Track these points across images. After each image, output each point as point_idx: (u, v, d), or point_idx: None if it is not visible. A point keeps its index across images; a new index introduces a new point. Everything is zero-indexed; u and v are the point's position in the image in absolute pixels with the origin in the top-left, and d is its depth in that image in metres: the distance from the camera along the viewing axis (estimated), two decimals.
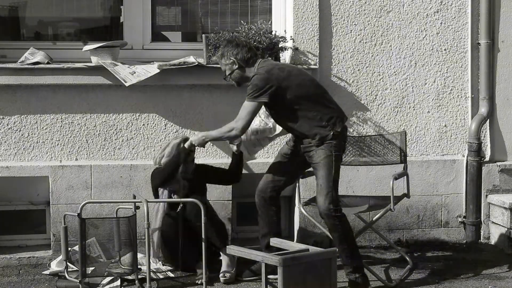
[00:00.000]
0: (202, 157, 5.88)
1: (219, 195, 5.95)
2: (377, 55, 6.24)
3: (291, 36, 6.03)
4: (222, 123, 5.66)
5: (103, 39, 6.00)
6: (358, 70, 6.22)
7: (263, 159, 5.97)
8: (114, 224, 5.00)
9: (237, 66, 5.16)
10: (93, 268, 5.29)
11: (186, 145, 5.31)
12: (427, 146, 6.36)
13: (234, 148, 5.49)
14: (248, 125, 5.14)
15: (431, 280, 5.48)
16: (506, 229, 6.18)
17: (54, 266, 5.54)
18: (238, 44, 5.19)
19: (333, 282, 4.52)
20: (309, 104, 5.08)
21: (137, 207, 5.16)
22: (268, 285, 4.51)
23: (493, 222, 6.36)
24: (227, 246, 4.94)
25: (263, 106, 5.18)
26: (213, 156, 5.96)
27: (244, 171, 5.98)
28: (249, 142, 5.69)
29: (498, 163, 6.44)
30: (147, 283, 4.95)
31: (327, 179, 5.03)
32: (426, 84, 6.33)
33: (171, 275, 5.50)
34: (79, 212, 4.88)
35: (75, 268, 5.43)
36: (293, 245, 4.80)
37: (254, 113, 5.12)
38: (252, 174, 5.91)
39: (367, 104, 6.25)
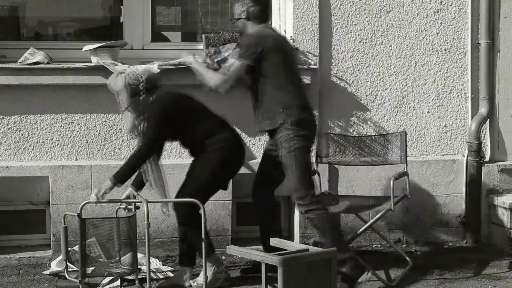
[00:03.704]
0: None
1: (219, 195, 5.94)
2: (377, 55, 6.25)
3: (291, 36, 6.03)
4: None
5: (103, 39, 6.00)
6: (358, 70, 6.23)
7: None
8: (114, 224, 4.99)
9: (245, 16, 5.27)
10: (93, 268, 5.30)
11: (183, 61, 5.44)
12: (427, 146, 6.36)
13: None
14: (228, 84, 5.22)
15: (431, 280, 5.48)
16: (506, 229, 6.18)
17: (54, 266, 5.54)
18: (257, 0, 5.29)
19: (333, 282, 4.51)
20: (280, 85, 5.14)
21: (137, 207, 5.16)
22: (268, 285, 4.50)
23: (493, 222, 6.36)
24: (227, 246, 4.91)
25: None
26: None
27: (244, 171, 5.99)
28: None
29: (498, 163, 6.44)
30: (147, 283, 4.95)
31: (292, 177, 5.13)
32: (426, 84, 6.33)
33: (171, 275, 5.50)
34: (79, 212, 4.88)
35: (75, 268, 5.43)
36: (293, 245, 4.80)
37: (238, 73, 5.19)
38: (252, 174, 5.90)
39: (367, 104, 6.25)
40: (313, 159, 5.86)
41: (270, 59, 5.12)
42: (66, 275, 5.06)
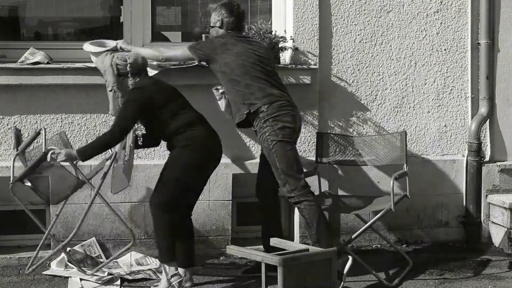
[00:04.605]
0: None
1: (219, 195, 5.96)
2: (377, 55, 6.25)
3: (291, 36, 6.03)
4: (222, 123, 5.68)
5: (103, 39, 5.98)
6: (358, 70, 6.23)
7: None
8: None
9: (219, 25, 5.50)
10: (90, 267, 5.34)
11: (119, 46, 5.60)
12: (427, 146, 6.36)
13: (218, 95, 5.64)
14: (172, 59, 5.64)
15: (431, 280, 5.48)
16: (506, 229, 6.19)
17: (54, 266, 5.54)
18: (232, 11, 5.49)
19: (333, 282, 4.52)
20: (236, 81, 5.28)
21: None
22: (268, 285, 4.51)
23: (493, 222, 6.36)
24: (227, 246, 4.91)
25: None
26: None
27: (243, 171, 6.00)
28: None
29: (498, 163, 6.44)
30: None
31: (277, 174, 5.25)
32: (426, 84, 6.33)
33: None
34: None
35: (74, 268, 5.44)
36: (293, 245, 4.80)
37: (180, 58, 5.62)
38: (252, 174, 5.91)
39: (367, 104, 6.25)
40: (313, 159, 5.88)
41: (221, 60, 5.31)
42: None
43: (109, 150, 5.28)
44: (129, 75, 5.14)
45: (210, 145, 5.17)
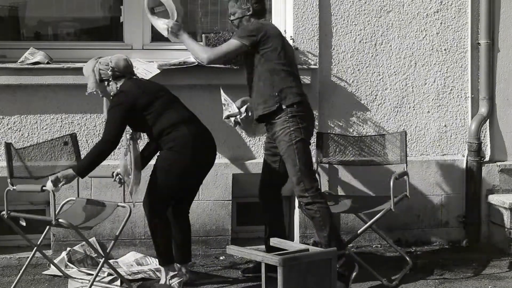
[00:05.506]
0: None
1: (219, 195, 5.96)
2: (377, 55, 6.25)
3: (291, 36, 6.03)
4: (222, 123, 5.67)
5: (103, 39, 6.00)
6: (358, 70, 6.23)
7: (261, 159, 5.96)
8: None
9: (250, 13, 5.30)
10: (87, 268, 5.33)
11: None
12: (427, 146, 6.36)
13: (231, 124, 5.47)
14: (219, 58, 5.27)
15: (431, 280, 5.49)
16: (506, 229, 6.19)
17: (54, 266, 5.54)
18: None
19: (333, 282, 4.51)
20: (277, 70, 5.16)
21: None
22: (268, 285, 4.50)
23: (493, 222, 6.36)
24: (227, 246, 4.89)
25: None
26: None
27: (242, 171, 6.00)
28: (247, 121, 5.51)
29: (498, 163, 6.44)
30: None
31: (294, 170, 5.14)
32: (426, 84, 6.33)
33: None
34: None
35: (75, 268, 5.44)
36: (293, 245, 4.80)
37: (232, 52, 5.23)
38: (252, 174, 5.91)
39: (367, 104, 6.25)
40: (313, 159, 5.87)
41: (269, 45, 5.15)
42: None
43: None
44: (110, 79, 5.07)
45: (197, 146, 5.03)
